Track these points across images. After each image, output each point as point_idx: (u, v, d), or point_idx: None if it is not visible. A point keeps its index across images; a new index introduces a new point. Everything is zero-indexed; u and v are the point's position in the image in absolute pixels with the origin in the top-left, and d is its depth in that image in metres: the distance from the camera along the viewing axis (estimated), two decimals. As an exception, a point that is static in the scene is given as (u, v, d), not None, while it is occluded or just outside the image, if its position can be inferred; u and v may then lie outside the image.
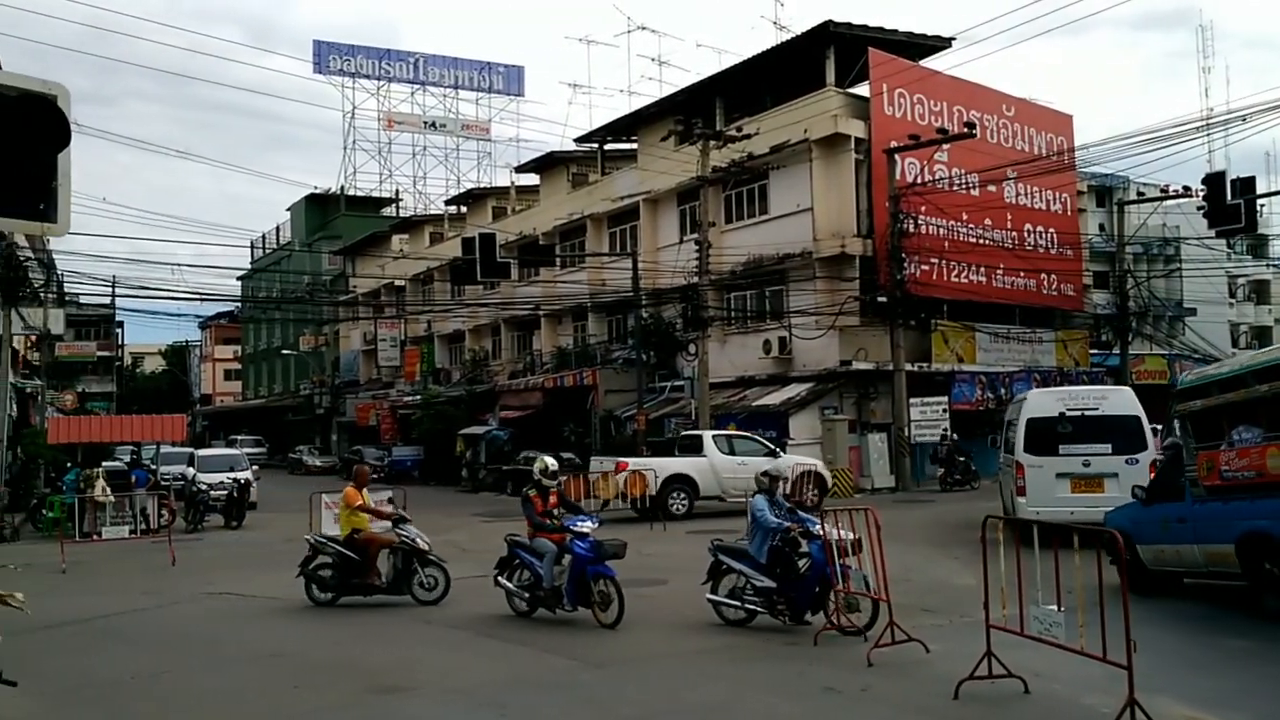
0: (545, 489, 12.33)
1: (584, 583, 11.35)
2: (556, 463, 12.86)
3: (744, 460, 24.35)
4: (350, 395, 60.86)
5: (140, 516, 23.78)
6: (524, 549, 12.19)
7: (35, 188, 4.08)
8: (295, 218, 74.12)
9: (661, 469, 24.57)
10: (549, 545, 11.75)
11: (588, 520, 11.78)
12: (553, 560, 11.67)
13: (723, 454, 24.74)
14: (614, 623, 11.06)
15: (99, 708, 8.75)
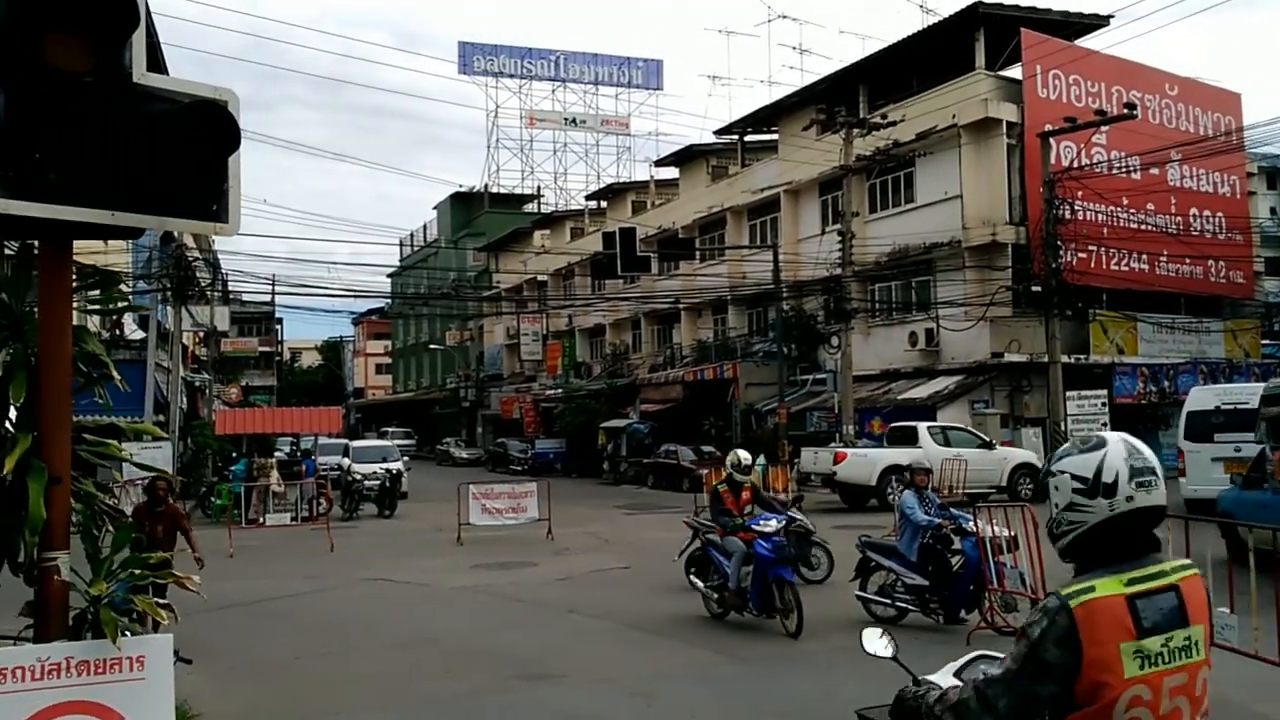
0: (738, 484, 11.54)
1: (767, 586, 10.61)
2: (749, 456, 12.02)
3: (959, 452, 23.96)
4: (494, 389, 62.21)
5: (306, 505, 24.86)
6: (716, 548, 11.47)
7: (208, 190, 4.24)
8: (441, 216, 76.14)
9: (879, 460, 24.30)
10: (738, 545, 10.92)
11: (773, 518, 10.99)
12: (740, 561, 10.87)
13: (938, 445, 24.25)
14: (795, 631, 10.34)
15: (266, 687, 9.15)
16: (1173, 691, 2.52)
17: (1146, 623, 2.50)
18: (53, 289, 4.12)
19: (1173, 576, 2.60)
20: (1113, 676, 2.47)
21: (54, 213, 3.89)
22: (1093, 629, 2.48)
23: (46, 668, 3.99)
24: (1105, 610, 2.50)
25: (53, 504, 3.97)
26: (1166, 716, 2.51)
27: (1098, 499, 2.62)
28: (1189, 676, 2.54)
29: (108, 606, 4.15)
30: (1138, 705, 2.48)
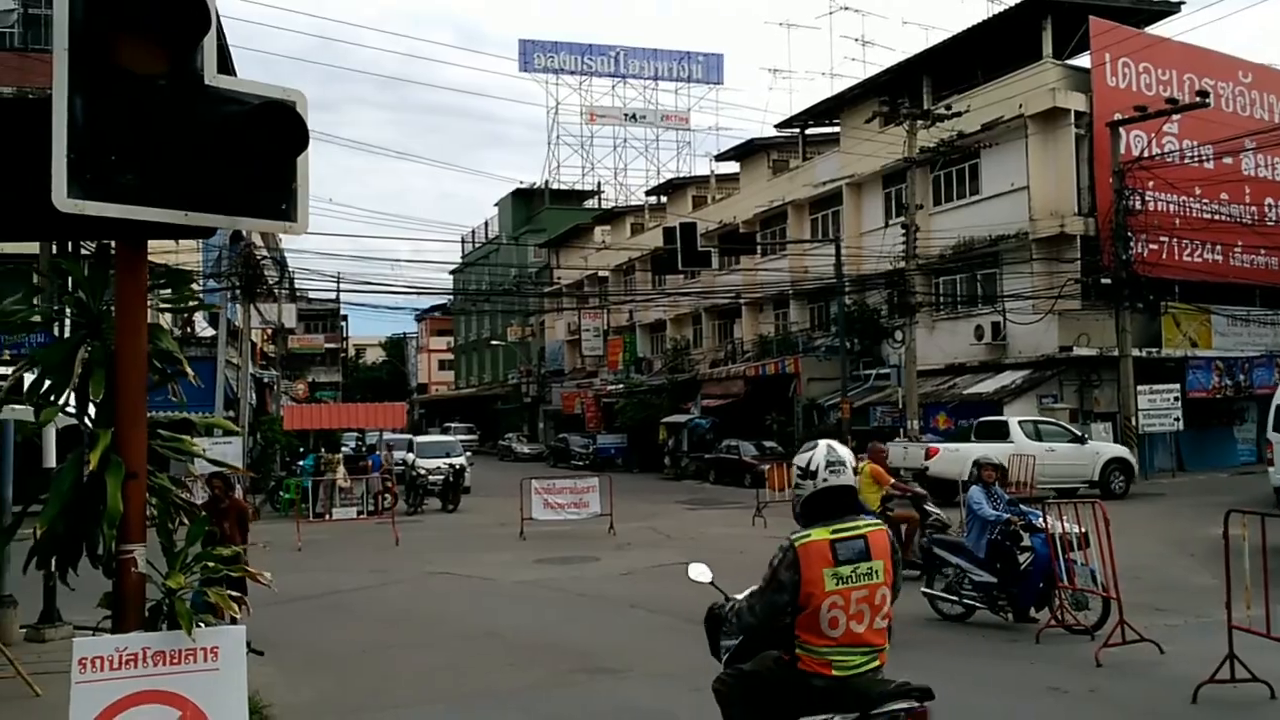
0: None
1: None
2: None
3: (1052, 446, 23.60)
4: (555, 384, 62.55)
5: (372, 499, 25.24)
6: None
7: (277, 190, 4.31)
8: (503, 213, 76.67)
9: (970, 454, 23.95)
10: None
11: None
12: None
13: (1029, 439, 23.88)
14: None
15: (334, 678, 9.29)
16: (858, 600, 4.07)
17: (841, 557, 4.07)
18: (129, 288, 4.23)
19: (863, 529, 4.17)
20: (818, 589, 4.05)
21: (130, 213, 3.98)
22: (807, 560, 4.08)
23: (124, 657, 4.09)
24: (816, 548, 4.09)
25: (129, 498, 4.07)
26: (854, 615, 4.07)
27: (808, 480, 4.30)
28: (870, 592, 4.10)
29: (182, 598, 4.25)
30: (835, 608, 4.05)
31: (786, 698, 4.21)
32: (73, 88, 3.85)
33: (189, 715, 4.12)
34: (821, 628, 4.07)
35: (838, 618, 4.06)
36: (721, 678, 4.73)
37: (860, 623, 4.09)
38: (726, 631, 4.88)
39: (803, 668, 4.15)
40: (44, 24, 27.97)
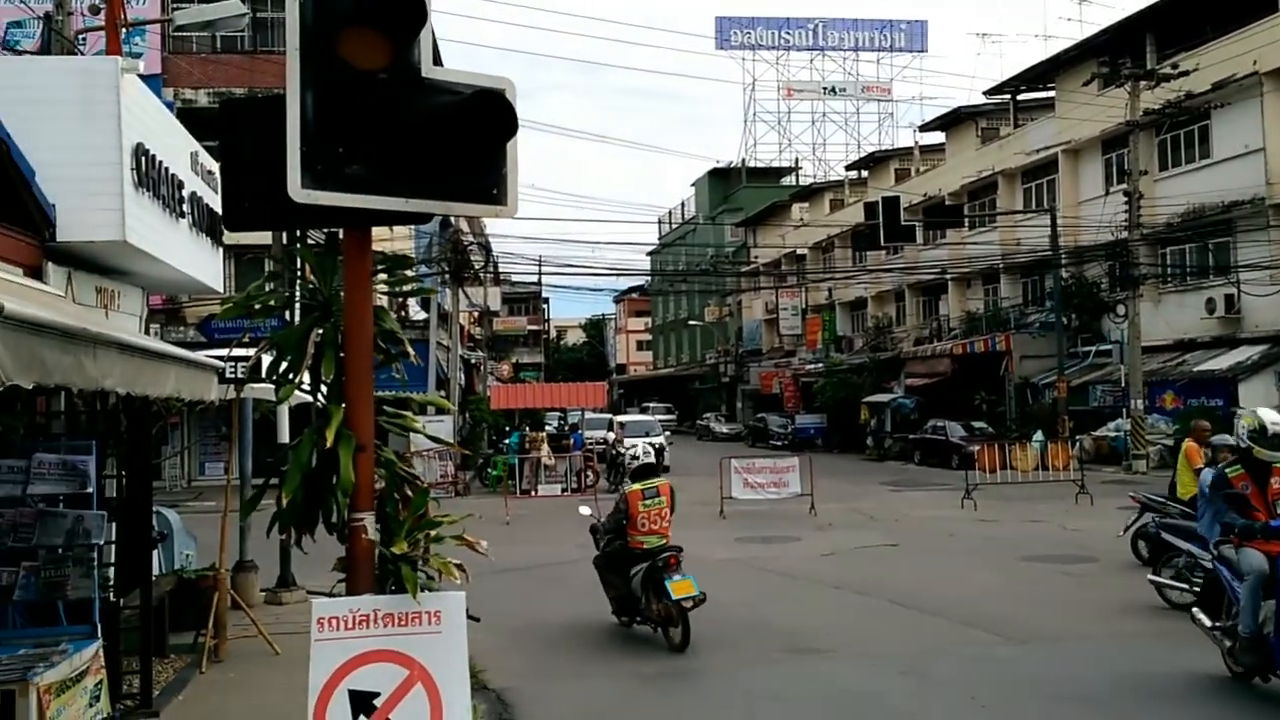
0: (1264, 466, 7.50)
1: None
2: None
3: None
4: (753, 363, 62.43)
5: (574, 477, 25.96)
6: (1228, 565, 7.68)
7: (489, 175, 4.46)
8: (699, 193, 76.94)
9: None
10: (1255, 561, 7.25)
11: None
12: (1255, 590, 7.21)
13: None
14: None
15: (541, 646, 9.65)
16: (653, 513, 9.75)
17: (645, 495, 9.76)
18: (356, 273, 4.48)
19: (655, 483, 9.94)
20: (636, 510, 9.72)
21: (356, 202, 4.22)
22: (631, 498, 9.77)
23: (357, 618, 4.37)
24: (634, 493, 9.78)
25: (359, 469, 4.33)
26: (652, 521, 9.73)
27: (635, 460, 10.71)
28: (661, 508, 9.80)
29: (408, 564, 4.49)
30: (643, 517, 9.70)
31: (626, 559, 9.83)
32: (304, 85, 4.10)
33: (416, 674, 4.36)
34: (638, 527, 9.75)
35: (644, 523, 9.73)
36: (597, 557, 10.55)
37: (655, 523, 9.77)
38: (600, 535, 10.57)
39: (632, 546, 9.77)
40: (270, 27, 29.94)
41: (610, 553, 10.06)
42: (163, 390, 6.17)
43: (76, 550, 7.42)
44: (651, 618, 9.52)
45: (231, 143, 4.60)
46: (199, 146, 10.65)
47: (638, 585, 9.52)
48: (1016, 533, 16.44)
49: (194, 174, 10.30)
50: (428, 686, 4.38)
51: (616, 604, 10.15)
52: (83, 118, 8.00)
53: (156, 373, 5.92)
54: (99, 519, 7.59)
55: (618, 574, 9.89)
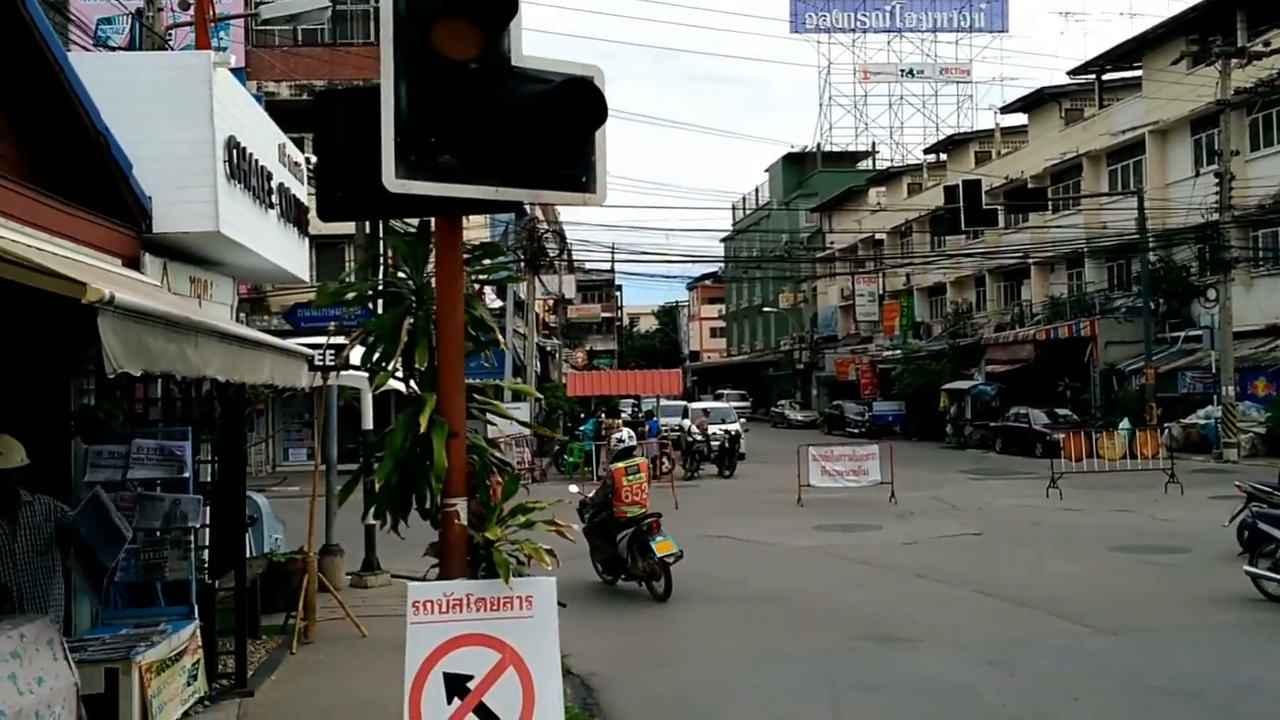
0: None
1: None
2: None
3: None
4: (829, 350, 61.86)
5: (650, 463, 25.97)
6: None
7: (578, 163, 4.48)
8: (773, 178, 76.36)
9: None
10: None
11: None
12: None
13: None
14: None
15: (626, 632, 9.70)
16: (634, 487, 11.50)
17: (629, 472, 11.52)
18: (448, 260, 4.53)
19: (636, 462, 11.78)
20: (620, 484, 11.46)
21: (448, 191, 4.26)
22: (616, 474, 11.54)
23: (450, 602, 4.43)
24: (618, 470, 11.54)
25: (452, 455, 4.39)
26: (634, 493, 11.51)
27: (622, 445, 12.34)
28: (641, 483, 11.58)
29: (499, 549, 4.54)
30: (627, 491, 11.45)
31: (612, 527, 11.38)
32: (397, 76, 4.15)
33: (508, 658, 4.41)
34: (622, 499, 11.37)
35: (627, 495, 11.39)
36: (586, 527, 11.63)
37: (636, 495, 11.46)
38: (588, 507, 12.02)
39: (617, 515, 11.37)
40: (349, 20, 30.38)
41: (598, 523, 11.70)
42: (258, 377, 6.32)
43: (174, 533, 7.65)
44: (637, 574, 11.37)
45: (325, 134, 4.67)
46: (285, 138, 10.86)
47: (624, 548, 11.30)
48: (1103, 522, 16.08)
49: (281, 165, 10.50)
50: (520, 671, 4.43)
51: (603, 565, 11.97)
52: (177, 112, 8.20)
53: (253, 360, 6.06)
54: (195, 503, 7.81)
55: (605, 540, 11.62)
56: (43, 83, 6.51)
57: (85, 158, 7.18)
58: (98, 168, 7.30)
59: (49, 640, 5.19)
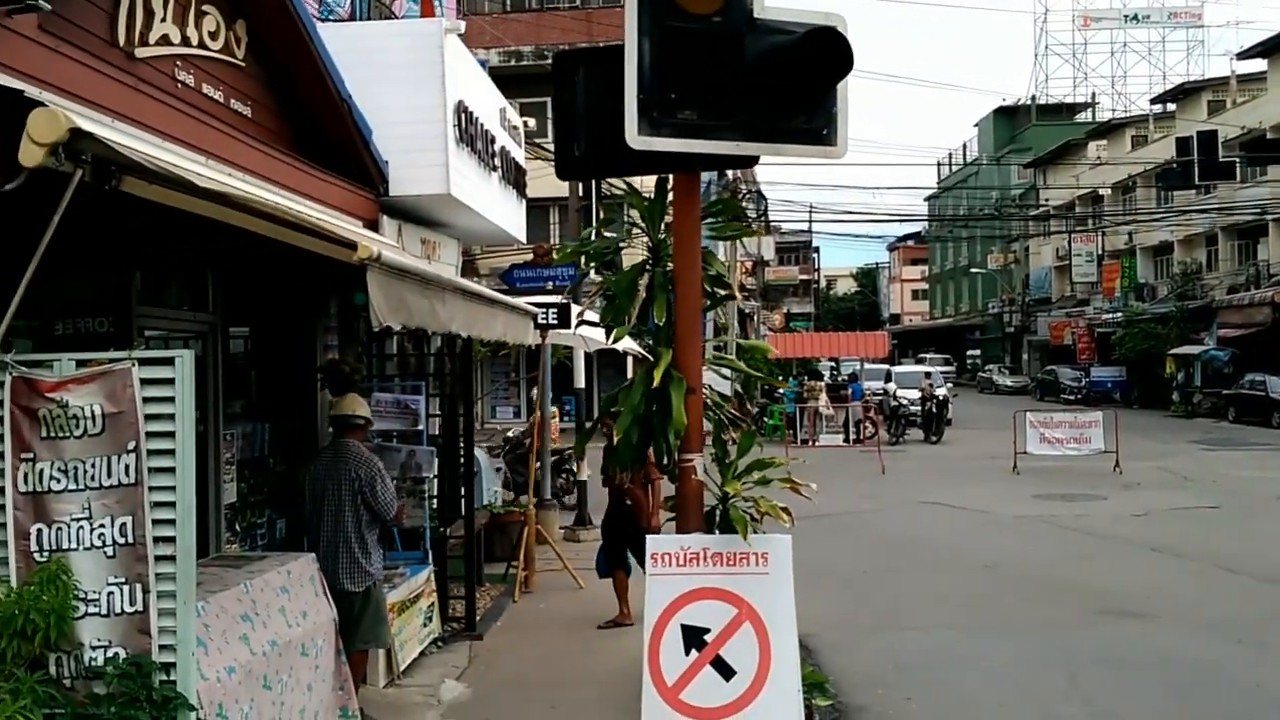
0: None
1: None
2: None
3: None
4: (1041, 313, 59.07)
5: (853, 427, 25.67)
6: None
7: (819, 115, 4.38)
8: (983, 132, 73.19)
9: None
10: None
11: None
12: None
13: None
14: None
15: (840, 594, 9.58)
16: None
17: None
18: (686, 217, 4.54)
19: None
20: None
21: (689, 146, 4.25)
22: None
23: (687, 555, 4.48)
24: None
25: (689, 411, 4.41)
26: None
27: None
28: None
29: (735, 505, 4.55)
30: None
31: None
32: (640, 32, 4.15)
33: (744, 613, 4.43)
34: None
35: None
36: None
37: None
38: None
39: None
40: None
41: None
42: (493, 334, 6.55)
43: (409, 483, 8.08)
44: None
45: (564, 93, 4.74)
46: (506, 102, 11.15)
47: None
48: (1361, 498, 14.78)
49: (502, 129, 10.80)
50: (756, 626, 4.44)
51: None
52: (411, 78, 8.52)
53: (489, 317, 6.29)
54: (428, 454, 8.22)
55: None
56: (296, 53, 6.88)
57: (331, 125, 7.57)
58: (342, 134, 7.68)
59: (311, 577, 5.57)
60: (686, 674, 4.39)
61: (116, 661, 3.81)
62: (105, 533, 3.85)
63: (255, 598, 4.92)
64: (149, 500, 3.85)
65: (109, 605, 3.85)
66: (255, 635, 4.77)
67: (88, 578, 3.83)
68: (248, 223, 4.08)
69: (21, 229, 3.83)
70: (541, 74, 25.74)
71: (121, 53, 5.04)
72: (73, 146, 3.49)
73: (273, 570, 5.24)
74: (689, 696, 4.38)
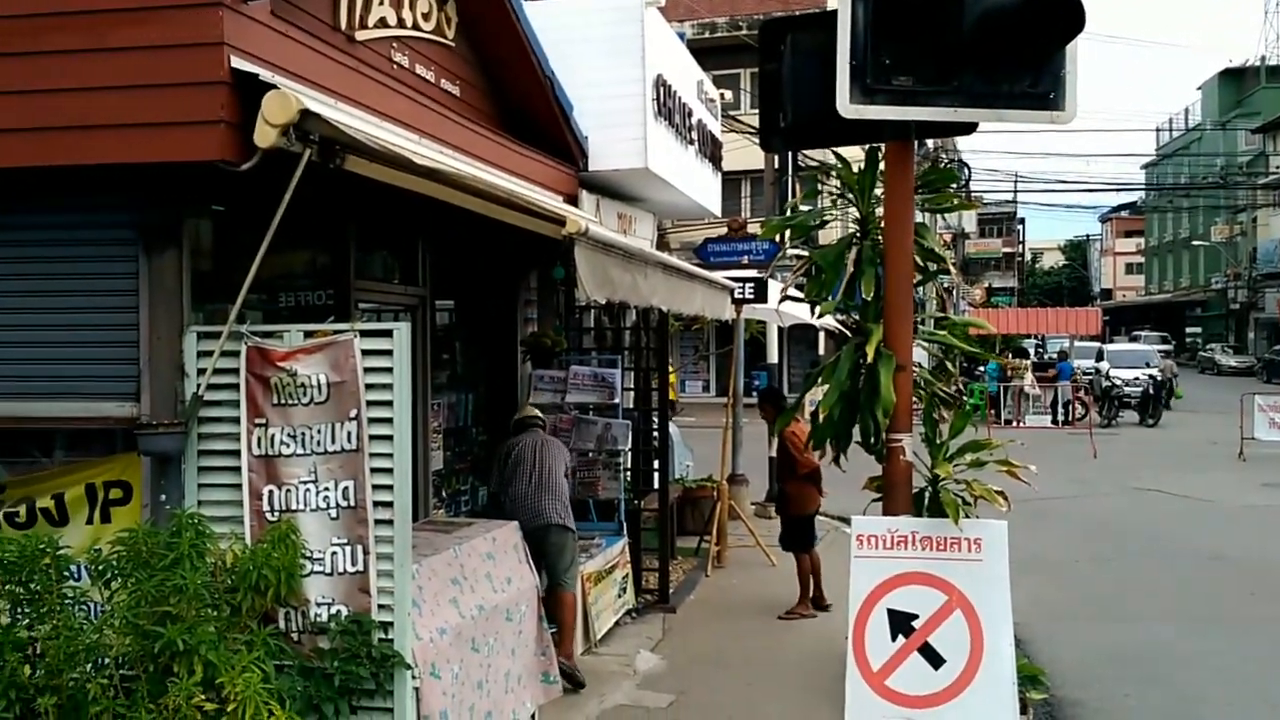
0: None
1: None
2: None
3: None
4: (1270, 289, 54.70)
5: (1061, 408, 24.56)
6: None
7: (1046, 78, 4.12)
8: (1207, 96, 68.13)
9: None
10: None
11: None
12: None
13: None
14: None
15: (1048, 582, 9.15)
16: None
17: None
18: (898, 188, 4.35)
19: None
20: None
21: (904, 114, 4.08)
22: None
23: (895, 538, 4.33)
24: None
25: (899, 389, 4.25)
26: None
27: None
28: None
29: (947, 488, 4.37)
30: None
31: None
32: (854, -4, 4.00)
33: (955, 600, 4.25)
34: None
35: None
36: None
37: None
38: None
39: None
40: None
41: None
42: (692, 308, 6.53)
43: (604, 455, 8.19)
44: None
45: (770, 62, 4.62)
46: (703, 75, 11.08)
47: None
48: None
49: (699, 101, 10.74)
50: (967, 615, 4.26)
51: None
52: (610, 52, 8.56)
53: (688, 292, 6.27)
54: (624, 427, 8.30)
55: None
56: (503, 32, 7.02)
57: (534, 102, 7.70)
58: (544, 111, 7.80)
59: (515, 545, 5.71)
60: (893, 660, 4.26)
61: (339, 618, 4.00)
62: (330, 496, 4.04)
63: (463, 563, 5.07)
64: (369, 466, 4.01)
65: (332, 565, 4.04)
66: (464, 599, 4.92)
67: (313, 538, 4.03)
68: (460, 199, 4.18)
69: (249, 208, 4.05)
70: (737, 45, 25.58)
71: (343, 35, 5.25)
72: (302, 127, 3.65)
73: (479, 537, 5.40)
74: (895, 683, 4.25)
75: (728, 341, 12.76)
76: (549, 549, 6.39)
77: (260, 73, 3.77)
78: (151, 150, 3.85)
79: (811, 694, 6.16)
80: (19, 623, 3.52)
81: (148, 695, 3.39)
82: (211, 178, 3.90)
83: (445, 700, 4.45)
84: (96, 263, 4.14)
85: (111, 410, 4.11)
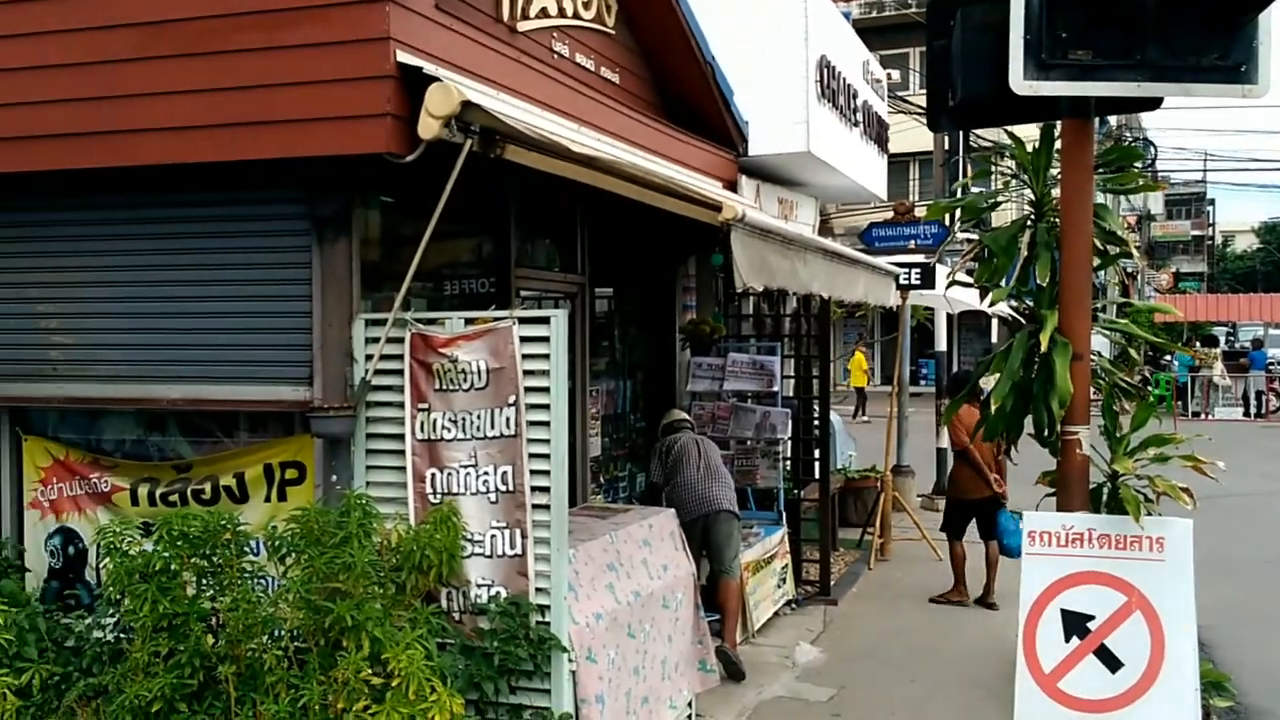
0: None
1: None
2: None
3: None
4: None
5: (1254, 400, 23.10)
6: None
7: (1236, 49, 3.83)
8: None
9: None
10: None
11: None
12: None
13: None
14: None
15: (1234, 584, 8.59)
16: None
17: None
18: (1077, 167, 4.13)
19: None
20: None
21: (1082, 90, 3.87)
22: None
23: (1070, 535, 4.13)
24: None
25: (1075, 380, 4.04)
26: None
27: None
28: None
29: (1127, 484, 4.13)
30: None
31: None
32: (1030, -32, 3.80)
33: (1134, 601, 4.03)
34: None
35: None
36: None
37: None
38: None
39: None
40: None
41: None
42: (854, 295, 6.37)
43: (763, 443, 8.10)
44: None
45: (938, 38, 4.45)
46: (869, 55, 10.81)
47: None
48: None
49: (864, 82, 10.48)
50: (1148, 617, 4.04)
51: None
52: (773, 35, 8.45)
53: (850, 278, 6.12)
54: (784, 415, 8.18)
55: None
56: (663, 18, 6.99)
57: (694, 88, 7.65)
58: (704, 96, 7.74)
59: (671, 532, 5.70)
60: (1066, 662, 4.07)
61: (498, 600, 4.07)
62: (489, 480, 4.11)
63: (620, 549, 5.09)
64: (527, 451, 4.07)
65: (491, 547, 4.11)
66: (620, 585, 4.94)
67: (474, 520, 4.11)
68: (616, 185, 4.18)
69: (415, 199, 4.15)
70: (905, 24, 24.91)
71: (505, 27, 5.32)
72: (463, 118, 3.71)
73: (635, 523, 5.41)
74: (1068, 686, 4.07)
75: (894, 329, 12.43)
76: (718, 535, 6.41)
77: (424, 66, 3.85)
78: (323, 144, 3.98)
79: (977, 693, 5.95)
80: (203, 593, 3.71)
81: (319, 667, 3.53)
82: (379, 169, 4.01)
83: (601, 684, 4.48)
84: (272, 253, 4.32)
85: (286, 394, 4.29)
